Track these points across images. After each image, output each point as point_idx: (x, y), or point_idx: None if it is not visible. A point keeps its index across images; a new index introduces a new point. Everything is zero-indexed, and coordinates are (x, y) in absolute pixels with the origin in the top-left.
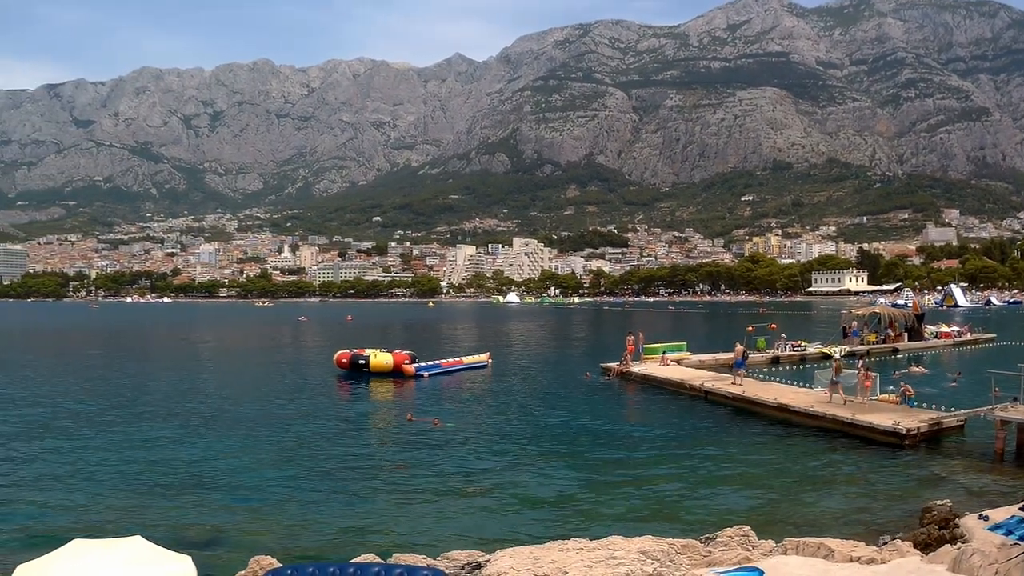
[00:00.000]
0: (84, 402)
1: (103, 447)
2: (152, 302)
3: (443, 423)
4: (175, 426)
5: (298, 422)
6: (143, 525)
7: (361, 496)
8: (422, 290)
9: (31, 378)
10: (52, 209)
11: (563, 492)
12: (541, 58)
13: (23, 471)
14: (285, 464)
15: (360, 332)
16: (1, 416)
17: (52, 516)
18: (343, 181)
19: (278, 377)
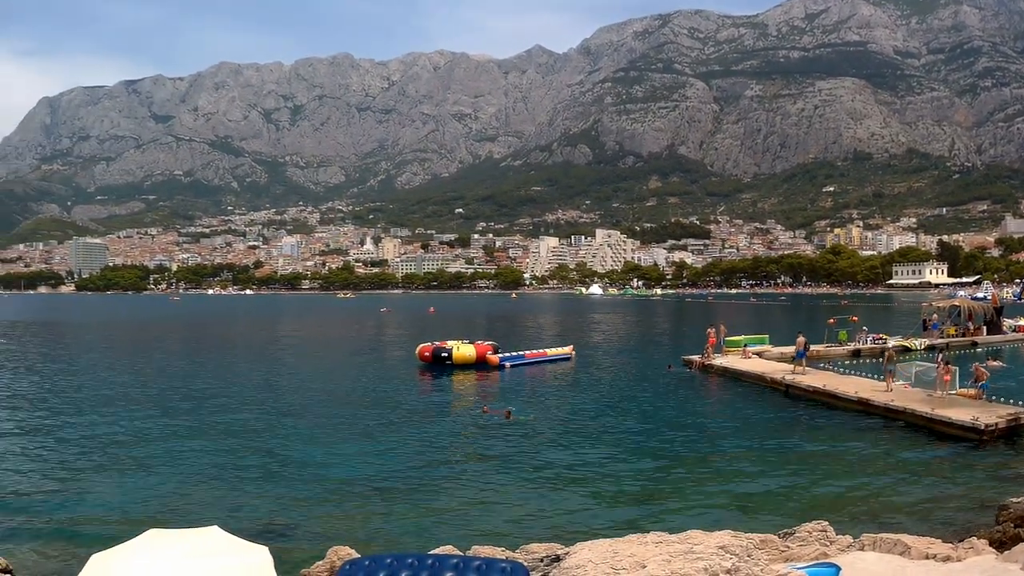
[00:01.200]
0: (164, 393)
1: (182, 437)
2: (234, 294)
3: (515, 415)
4: (255, 417)
5: (378, 414)
6: (221, 515)
7: (440, 488)
8: (505, 282)
9: (113, 369)
10: (132, 203)
11: (643, 485)
12: (621, 49)
13: (101, 460)
14: (364, 456)
15: (443, 324)
16: (81, 406)
17: (129, 505)
18: (425, 173)
19: (360, 369)
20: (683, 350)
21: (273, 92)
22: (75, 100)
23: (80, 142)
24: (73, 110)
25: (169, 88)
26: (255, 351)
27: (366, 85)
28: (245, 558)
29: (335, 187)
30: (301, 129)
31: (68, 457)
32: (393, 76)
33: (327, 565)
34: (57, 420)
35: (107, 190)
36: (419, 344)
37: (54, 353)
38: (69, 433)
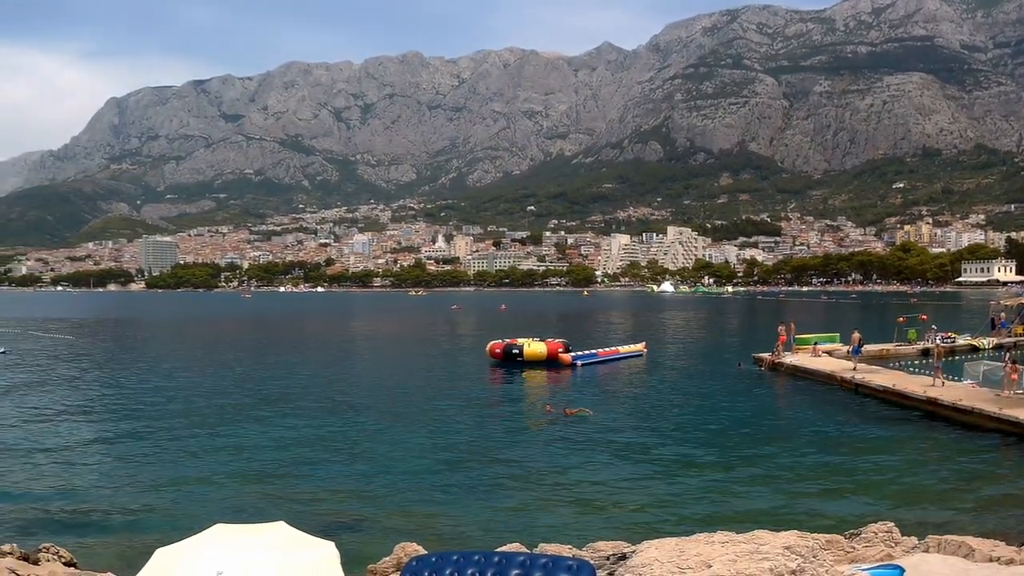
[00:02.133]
0: (232, 389)
1: (251, 432)
2: (305, 292)
3: (575, 413)
4: (324, 413)
5: (447, 411)
6: (288, 510)
7: (507, 485)
8: (577, 279)
9: (182, 365)
10: (202, 202)
11: (711, 483)
12: (690, 45)
13: (170, 454)
14: (433, 453)
15: (514, 321)
16: (149, 402)
17: (196, 500)
18: (496, 171)
19: (430, 366)
20: (753, 348)
21: (343, 91)
22: (143, 100)
23: (149, 142)
24: (141, 110)
25: (238, 88)
26: (326, 348)
27: (436, 83)
28: (312, 553)
29: (406, 185)
30: (372, 127)
31: (134, 452)
32: (463, 74)
33: (394, 561)
34: (124, 415)
35: (177, 189)
36: (490, 341)
37: (124, 350)
38: (136, 428)
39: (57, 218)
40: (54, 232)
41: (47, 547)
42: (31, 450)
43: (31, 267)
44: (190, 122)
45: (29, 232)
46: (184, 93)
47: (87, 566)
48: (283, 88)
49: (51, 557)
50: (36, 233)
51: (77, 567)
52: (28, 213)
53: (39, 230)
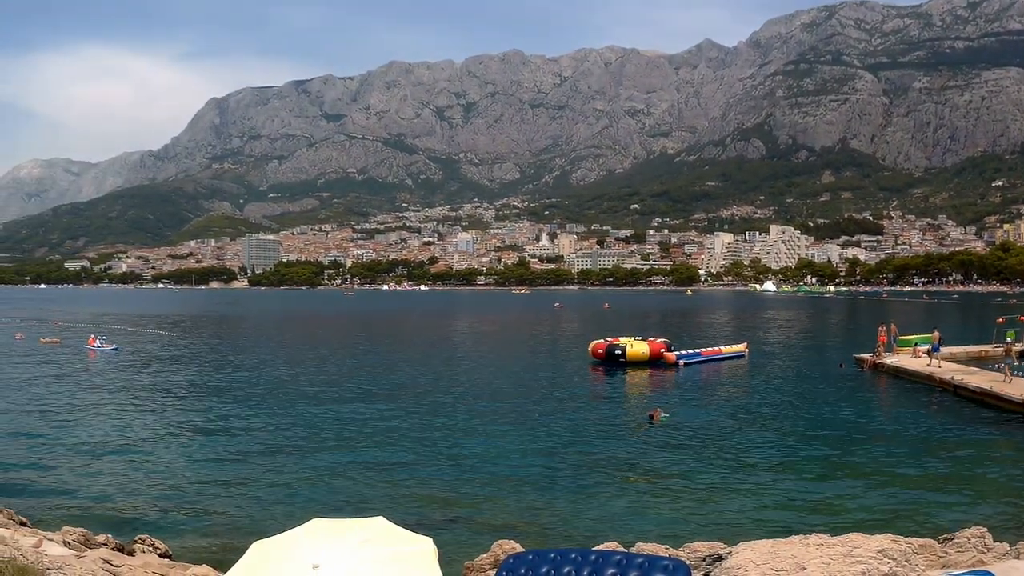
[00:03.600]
0: (336, 384)
1: (351, 428)
2: (409, 290)
3: (662, 415)
4: (425, 409)
5: (548, 410)
6: (387, 506)
7: (605, 485)
8: (680, 278)
9: (285, 361)
10: (305, 201)
11: (807, 484)
12: (790, 42)
13: (270, 449)
14: (532, 451)
15: (617, 320)
16: (250, 397)
17: (294, 495)
18: (600, 169)
19: (532, 365)
20: (855, 348)
21: (445, 90)
22: (244, 100)
23: (251, 141)
24: (242, 110)
25: (339, 88)
26: (428, 345)
27: (538, 81)
28: (409, 548)
29: (510, 183)
30: (474, 126)
31: (233, 446)
32: (564, 72)
33: (491, 558)
34: (225, 410)
35: (279, 188)
36: (592, 341)
37: (226, 346)
38: (236, 423)
39: (158, 217)
40: (155, 231)
41: (142, 539)
42: (132, 443)
43: (131, 265)
44: (292, 122)
45: (130, 231)
46: (285, 93)
47: (182, 558)
48: (385, 88)
49: (146, 548)
50: (137, 232)
51: (172, 559)
52: (128, 212)
53: (140, 229)
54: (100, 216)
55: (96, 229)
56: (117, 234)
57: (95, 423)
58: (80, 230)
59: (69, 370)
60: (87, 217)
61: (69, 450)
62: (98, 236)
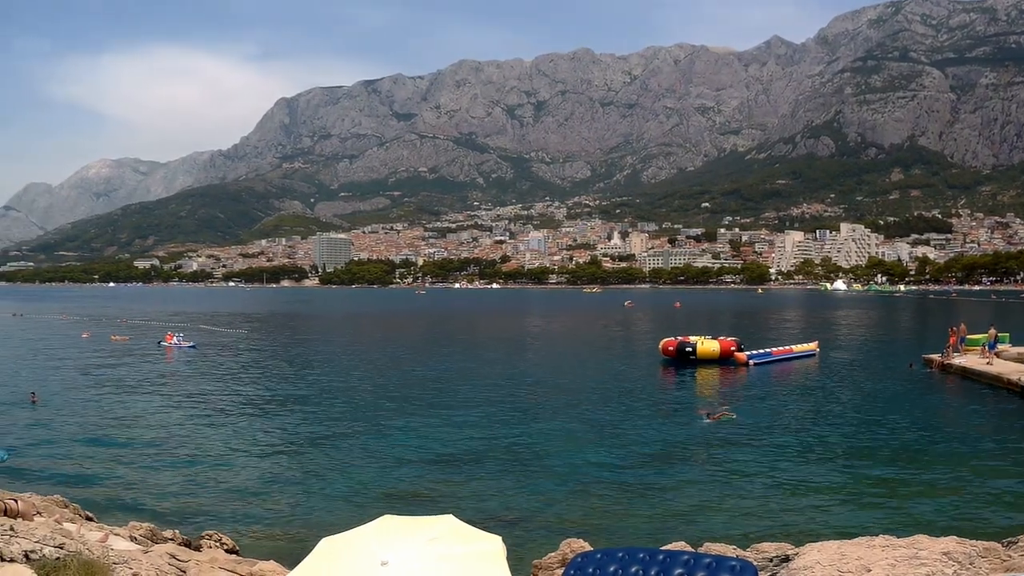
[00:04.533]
0: (406, 382)
1: (421, 425)
2: (481, 288)
3: (722, 417)
4: (494, 407)
5: (617, 409)
6: (457, 503)
7: (674, 484)
8: (751, 277)
9: (355, 358)
10: (376, 200)
11: (875, 485)
12: (857, 38)
13: (340, 447)
14: (601, 450)
15: (687, 319)
16: (321, 394)
17: (362, 492)
18: (671, 167)
19: (602, 363)
20: (925, 348)
21: (515, 88)
22: (314, 100)
23: (321, 141)
24: (312, 110)
25: (409, 87)
26: (499, 343)
27: (608, 80)
28: (478, 546)
29: (581, 182)
30: (545, 125)
31: (303, 443)
32: (634, 70)
33: (559, 557)
34: (295, 408)
35: (350, 187)
36: (663, 339)
37: (299, 344)
38: (307, 420)
39: (228, 216)
40: (225, 229)
41: (209, 534)
42: (202, 439)
43: (202, 263)
44: (362, 121)
45: (200, 229)
46: (355, 93)
47: (249, 554)
48: (455, 86)
49: (213, 544)
50: (207, 230)
51: (239, 554)
52: (199, 211)
53: (210, 227)
54: (170, 215)
55: (166, 228)
56: (187, 233)
57: (167, 419)
58: (150, 229)
59: (146, 367)
60: (157, 216)
61: (139, 446)
62: (168, 235)
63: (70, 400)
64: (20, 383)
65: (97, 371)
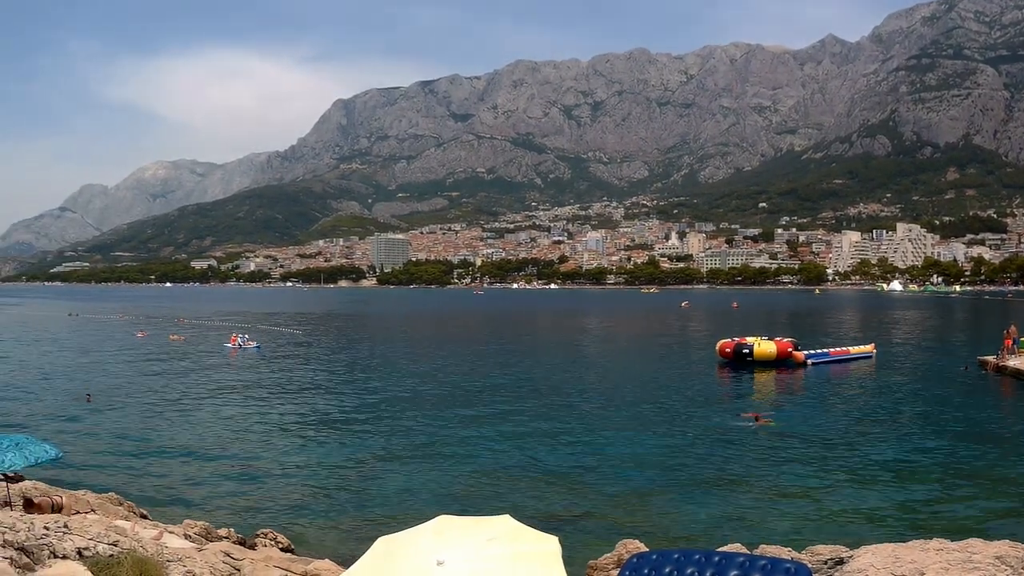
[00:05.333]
0: (463, 381)
1: (477, 425)
2: (539, 288)
3: (766, 420)
4: (551, 407)
5: (674, 409)
6: (513, 503)
7: (728, 486)
8: (808, 277)
9: (412, 358)
10: (434, 200)
11: (930, 489)
12: (911, 36)
13: (396, 446)
14: (657, 451)
15: (744, 319)
16: (380, 393)
17: (420, 492)
18: (728, 167)
19: (659, 364)
20: (979, 350)
21: (572, 89)
22: (370, 101)
23: (378, 141)
24: (369, 111)
25: (466, 87)
26: (557, 344)
27: (664, 79)
28: (534, 547)
29: (638, 182)
30: (602, 125)
31: (360, 442)
32: (690, 70)
33: (614, 558)
34: (353, 407)
35: (408, 187)
36: (720, 340)
37: (358, 343)
38: (363, 419)
39: (286, 216)
40: (283, 230)
41: (264, 532)
42: (259, 439)
43: (259, 264)
44: (419, 122)
45: (257, 230)
46: (412, 94)
47: (305, 552)
48: (511, 87)
49: (267, 542)
50: (264, 231)
51: (294, 553)
52: (256, 212)
53: (267, 228)
54: (227, 216)
55: (223, 229)
56: (244, 233)
57: (223, 419)
58: (206, 230)
59: (206, 367)
60: (214, 217)
61: (194, 445)
62: (225, 236)
63: (125, 399)
64: (75, 383)
65: (153, 370)
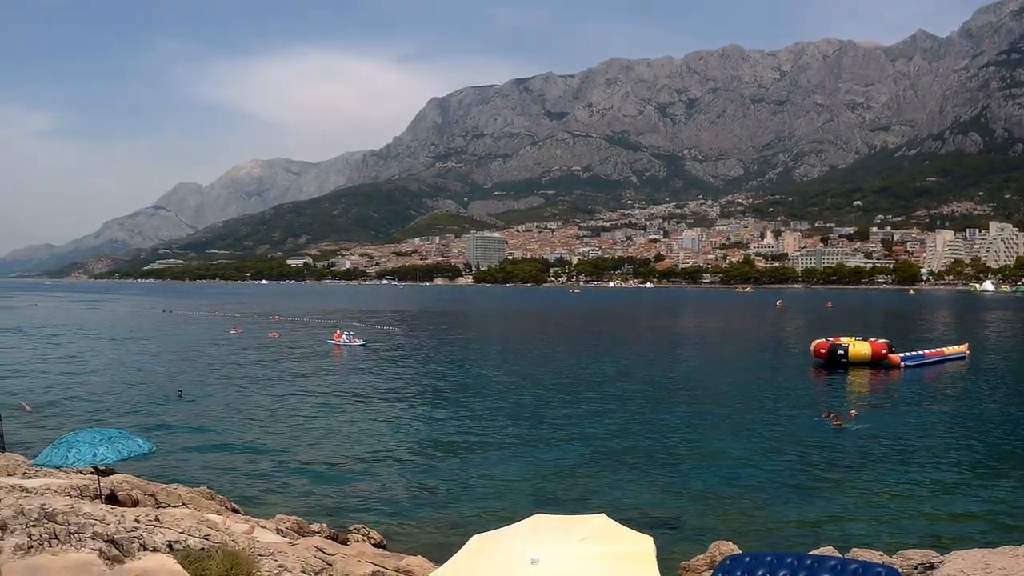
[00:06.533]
0: (558, 380)
1: (573, 424)
2: (635, 287)
3: (845, 422)
4: (645, 406)
5: (767, 411)
6: (609, 502)
7: (820, 488)
8: (902, 277)
9: (511, 356)
10: (530, 198)
11: (1019, 495)
12: (1000, 31)
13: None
14: (751, 453)
15: (838, 320)
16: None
17: (516, 491)
18: (822, 165)
19: (752, 364)
20: None
21: (666, 86)
22: (465, 100)
23: (474, 140)
24: (464, 109)
25: (561, 86)
26: (652, 343)
27: (758, 76)
28: (628, 547)
29: (734, 180)
30: (697, 123)
31: (453, 440)
32: (784, 66)
33: (707, 559)
34: (451, 404)
35: (504, 186)
36: (815, 340)
37: (455, 342)
38: (458, 418)
39: (381, 215)
40: (378, 228)
41: (357, 528)
42: (355, 435)
43: (355, 262)
44: (514, 120)
45: (352, 228)
46: (506, 92)
47: (397, 548)
48: (606, 85)
49: (360, 538)
50: (360, 229)
51: (386, 549)
52: (352, 210)
53: (363, 226)
54: (323, 214)
55: (318, 227)
56: (340, 231)
57: (318, 415)
58: (302, 228)
59: (311, 364)
60: (309, 215)
61: (288, 440)
62: (320, 234)
63: (216, 395)
64: (168, 378)
65: (245, 366)
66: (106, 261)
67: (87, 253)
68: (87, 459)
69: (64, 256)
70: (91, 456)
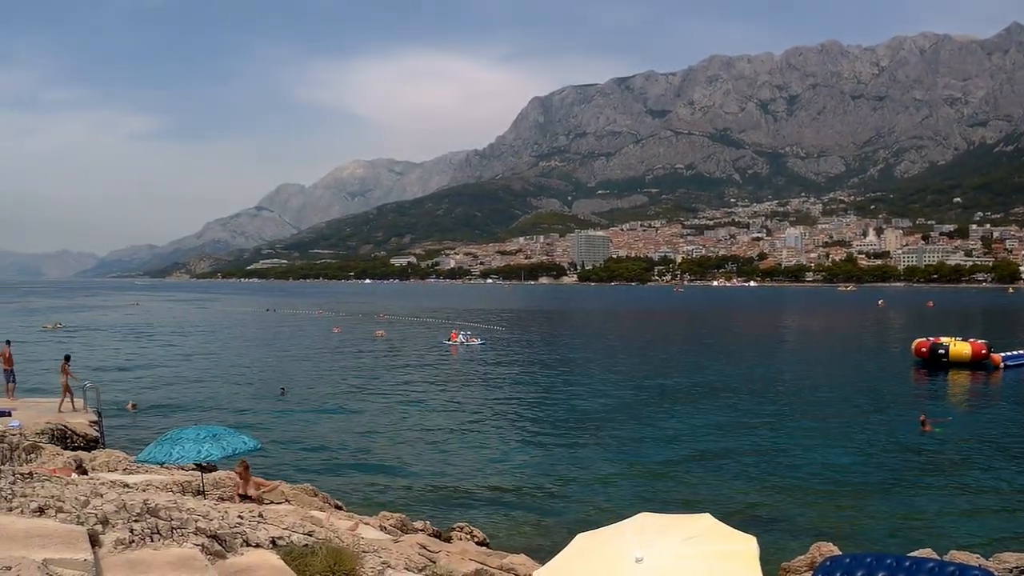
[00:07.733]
0: (661, 378)
1: (676, 423)
2: (738, 286)
3: (932, 425)
4: (748, 406)
5: (869, 411)
6: (713, 502)
7: (919, 490)
8: (1002, 275)
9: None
10: (634, 197)
11: None
12: None
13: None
14: (853, 453)
15: (939, 319)
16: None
17: (621, 490)
18: (922, 161)
19: (853, 364)
20: None
21: (767, 83)
22: (567, 99)
23: (576, 139)
24: (566, 108)
25: (662, 83)
26: (755, 342)
27: (856, 71)
28: (732, 547)
29: (835, 177)
30: (798, 119)
31: (559, 440)
32: (881, 61)
33: (808, 560)
34: (554, 403)
35: (607, 184)
36: (915, 340)
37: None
38: (561, 416)
39: (485, 214)
40: (482, 227)
41: (461, 526)
42: (460, 433)
43: (459, 261)
44: (616, 119)
45: (456, 228)
46: (608, 90)
47: (500, 547)
48: (707, 82)
49: (464, 536)
50: (463, 229)
51: (489, 547)
52: (455, 210)
53: (467, 226)
54: (426, 214)
55: (422, 226)
56: (444, 231)
57: (423, 414)
58: (405, 227)
59: (426, 364)
60: (413, 215)
61: (417, 439)
62: (424, 233)
63: (320, 393)
64: (271, 376)
65: (348, 365)
66: (208, 261)
67: (188, 253)
68: (191, 456)
69: (165, 256)
70: (195, 453)
